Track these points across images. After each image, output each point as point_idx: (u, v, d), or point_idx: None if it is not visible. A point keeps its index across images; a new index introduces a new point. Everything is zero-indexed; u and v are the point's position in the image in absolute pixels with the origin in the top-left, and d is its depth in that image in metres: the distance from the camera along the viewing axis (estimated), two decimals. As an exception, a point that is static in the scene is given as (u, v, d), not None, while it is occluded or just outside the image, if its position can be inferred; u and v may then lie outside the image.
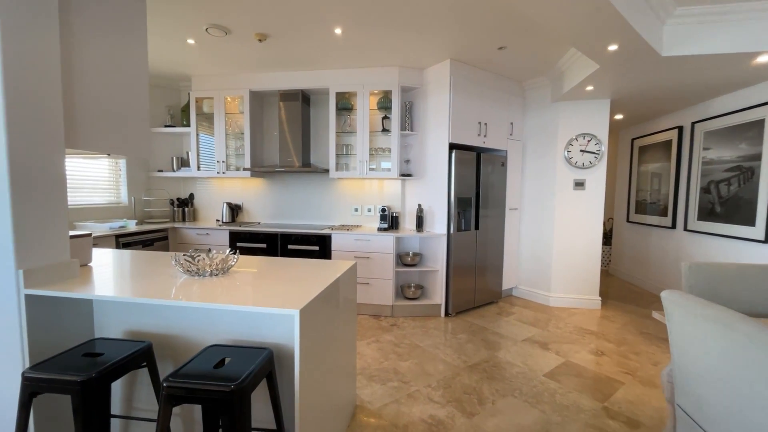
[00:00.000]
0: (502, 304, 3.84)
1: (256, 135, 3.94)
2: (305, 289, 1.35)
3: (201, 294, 1.27)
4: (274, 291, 1.34)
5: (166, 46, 3.12)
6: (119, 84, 1.72)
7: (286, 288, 1.38)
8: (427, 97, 3.58)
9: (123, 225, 3.26)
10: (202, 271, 1.52)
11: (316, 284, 1.43)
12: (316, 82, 3.67)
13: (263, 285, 1.42)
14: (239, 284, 1.42)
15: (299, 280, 1.51)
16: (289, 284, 1.43)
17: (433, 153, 3.54)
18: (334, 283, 1.51)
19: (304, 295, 1.28)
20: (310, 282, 1.47)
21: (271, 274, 1.61)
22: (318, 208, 4.03)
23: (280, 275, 1.58)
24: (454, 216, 3.40)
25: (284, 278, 1.53)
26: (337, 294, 1.56)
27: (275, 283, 1.44)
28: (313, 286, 1.41)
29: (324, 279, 1.52)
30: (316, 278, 1.53)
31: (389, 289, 3.38)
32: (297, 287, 1.39)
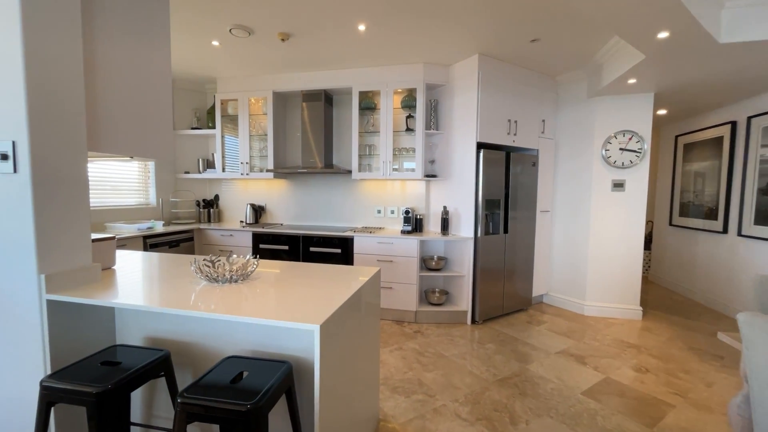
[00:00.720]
0: (532, 312, 3.64)
1: (280, 136, 3.92)
2: (327, 300, 1.27)
3: (218, 303, 1.21)
4: (294, 301, 1.26)
5: (191, 49, 3.14)
6: (142, 86, 1.70)
7: (307, 297, 1.29)
8: (453, 95, 3.44)
9: (150, 226, 3.32)
10: (221, 278, 1.46)
11: (338, 293, 1.34)
12: (339, 82, 3.61)
13: (283, 293, 1.34)
14: (258, 292, 1.35)
15: (321, 288, 1.42)
16: (310, 293, 1.35)
17: (459, 153, 3.39)
18: (357, 293, 1.41)
19: (326, 306, 1.20)
20: (331, 290, 1.38)
21: (292, 280, 1.53)
22: (341, 210, 3.97)
23: (301, 282, 1.51)
24: (481, 218, 3.24)
25: (305, 286, 1.45)
26: (360, 303, 1.47)
27: (295, 292, 1.36)
28: (335, 295, 1.32)
29: (346, 287, 1.43)
30: (339, 286, 1.44)
31: (413, 294, 3.26)
32: (318, 297, 1.30)
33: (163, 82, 1.82)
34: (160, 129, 1.82)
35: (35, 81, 1.24)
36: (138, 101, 1.68)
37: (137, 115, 1.68)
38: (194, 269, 1.45)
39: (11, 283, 1.31)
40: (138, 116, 1.69)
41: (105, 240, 1.68)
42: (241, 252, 3.66)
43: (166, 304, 1.20)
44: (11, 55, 1.21)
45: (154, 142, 1.79)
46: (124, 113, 1.61)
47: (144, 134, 1.73)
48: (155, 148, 1.79)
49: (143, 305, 1.19)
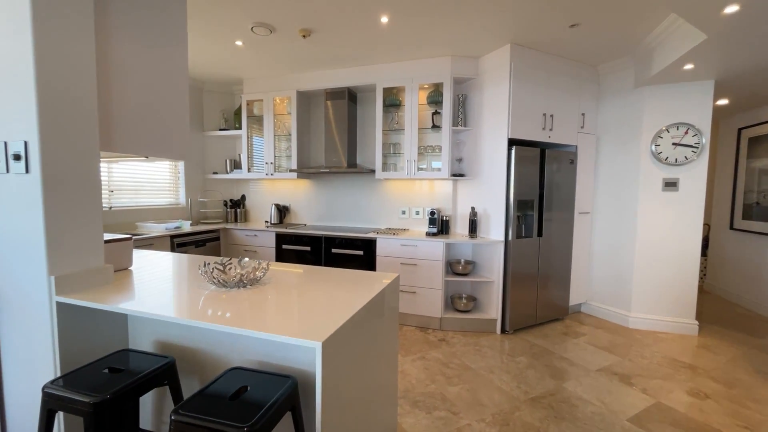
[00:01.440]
0: (569, 323, 3.35)
1: (304, 136, 3.89)
2: (336, 310, 1.15)
3: (220, 312, 1.13)
4: (301, 311, 1.15)
5: (217, 50, 3.15)
6: (158, 85, 1.68)
7: (316, 307, 1.19)
8: (483, 89, 3.23)
9: (178, 226, 3.38)
10: (229, 283, 1.39)
11: (350, 303, 1.22)
12: (363, 79, 3.50)
13: (291, 302, 1.24)
14: (266, 300, 1.26)
15: (332, 296, 1.31)
16: (320, 302, 1.24)
17: (489, 150, 3.18)
18: (370, 302, 1.29)
19: (333, 319, 1.08)
20: (343, 299, 1.26)
21: (303, 286, 1.43)
22: (364, 211, 3.87)
23: (313, 289, 1.40)
24: (512, 220, 3.01)
25: (316, 293, 1.35)
26: (375, 312, 1.34)
27: (305, 300, 1.26)
28: (347, 305, 1.20)
29: (360, 296, 1.31)
30: (352, 294, 1.32)
31: (438, 300, 3.09)
32: (328, 306, 1.19)
33: (180, 81, 1.79)
34: (176, 129, 1.79)
35: (46, 80, 1.22)
36: (153, 100, 1.66)
37: (152, 114, 1.66)
38: (201, 273, 1.39)
39: (23, 284, 1.30)
40: (153, 116, 1.66)
41: (120, 241, 1.67)
42: (264, 252, 3.66)
43: (166, 310, 1.14)
44: (22, 55, 1.20)
45: (169, 141, 1.76)
46: (138, 113, 1.59)
47: (159, 134, 1.70)
48: (171, 147, 1.77)
49: (140, 311, 1.14)
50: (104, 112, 1.45)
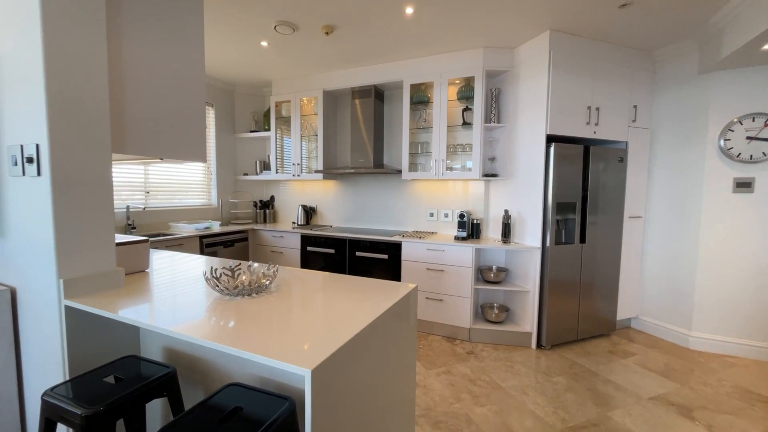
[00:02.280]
0: (616, 339, 3.00)
1: (330, 136, 3.83)
2: (339, 328, 1.03)
3: (218, 325, 1.05)
4: (302, 328, 1.04)
5: (243, 52, 3.17)
6: (173, 87, 1.65)
7: (317, 324, 1.07)
8: (518, 81, 2.98)
9: (208, 226, 3.45)
10: (233, 291, 1.32)
11: (356, 320, 1.10)
12: (389, 76, 3.38)
13: (293, 317, 1.14)
14: (268, 313, 1.17)
15: (338, 311, 1.19)
16: (324, 317, 1.13)
17: (525, 148, 2.92)
18: (376, 320, 1.15)
19: (333, 339, 0.96)
20: (350, 314, 1.14)
21: (310, 297, 1.33)
22: (391, 212, 3.74)
23: (319, 300, 1.29)
24: (551, 225, 2.74)
25: (321, 307, 1.23)
26: (384, 328, 1.21)
27: (308, 315, 1.15)
28: (352, 322, 1.08)
29: (369, 310, 1.18)
30: (360, 309, 1.20)
31: (466, 309, 2.89)
32: (331, 323, 1.07)
33: (195, 81, 1.77)
34: (191, 130, 1.76)
35: (56, 82, 1.21)
36: (168, 102, 1.64)
37: (167, 116, 1.64)
38: (207, 281, 1.33)
39: (35, 286, 1.31)
40: (167, 117, 1.64)
41: (136, 243, 1.66)
42: (290, 254, 3.64)
43: (164, 321, 1.08)
44: (31, 57, 1.20)
45: (185, 143, 1.74)
46: (151, 114, 1.57)
47: (174, 135, 1.68)
48: (186, 149, 1.74)
49: (134, 320, 1.08)
50: (117, 114, 1.44)
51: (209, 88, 3.90)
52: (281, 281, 1.56)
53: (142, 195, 3.35)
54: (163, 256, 2.10)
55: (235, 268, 1.55)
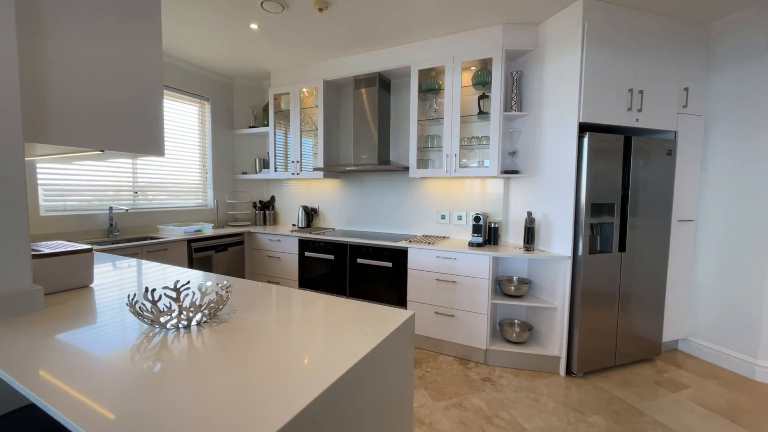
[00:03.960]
0: (662, 365, 2.53)
1: (332, 131, 3.50)
2: (301, 383, 0.68)
3: (115, 387, 0.72)
4: (245, 384, 0.70)
5: (232, 38, 2.88)
6: (118, 76, 1.36)
7: (272, 374, 0.72)
8: (544, 62, 2.56)
9: (198, 229, 3.18)
10: (159, 323, 0.99)
11: (323, 371, 0.75)
12: (395, 61, 3.01)
13: (236, 363, 0.80)
14: (202, 358, 0.83)
15: (304, 353, 0.84)
16: (282, 368, 0.78)
17: (552, 140, 2.50)
18: (351, 370, 0.79)
19: (288, 404, 0.61)
20: (318, 361, 0.79)
21: (269, 331, 0.99)
22: (398, 215, 3.37)
23: (282, 335, 0.95)
24: (584, 230, 2.31)
25: (282, 347, 0.89)
26: (364, 376, 0.85)
27: (259, 362, 0.81)
28: (323, 371, 0.72)
29: (348, 352, 0.83)
30: (336, 348, 0.84)
31: (482, 327, 2.49)
32: (292, 374, 0.72)
33: (151, 71, 1.47)
34: (144, 121, 1.46)
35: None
36: (112, 91, 1.34)
37: (110, 106, 1.34)
38: (128, 306, 1.00)
39: None
40: (111, 107, 1.34)
41: (73, 253, 1.37)
42: (287, 259, 3.34)
43: (31, 380, 0.76)
44: None
45: (135, 134, 1.43)
46: (88, 104, 1.27)
47: (121, 126, 1.38)
48: (137, 141, 1.44)
49: (11, 379, 0.77)
50: (36, 103, 1.15)
51: (204, 81, 3.65)
52: (242, 303, 1.22)
53: (129, 195, 3.12)
54: (122, 266, 1.81)
55: (182, 288, 1.22)
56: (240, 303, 1.24)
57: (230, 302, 1.24)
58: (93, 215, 2.81)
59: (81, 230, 2.73)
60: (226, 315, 1.12)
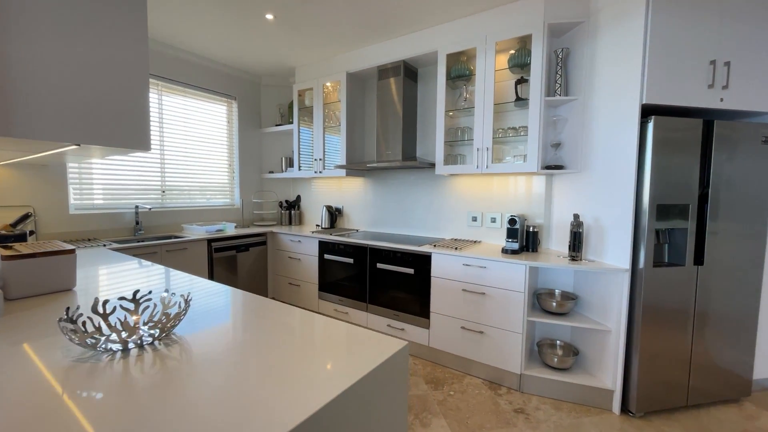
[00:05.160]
0: (752, 410, 2.00)
1: (356, 126, 3.31)
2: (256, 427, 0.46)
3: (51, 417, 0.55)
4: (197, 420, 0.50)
5: (249, 31, 2.78)
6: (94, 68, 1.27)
7: (220, 417, 0.52)
8: (596, 35, 2.14)
9: (221, 228, 3.15)
10: (86, 345, 0.83)
11: (290, 410, 0.53)
12: (421, 47, 2.74)
13: (175, 407, 0.60)
14: (142, 397, 0.65)
15: (268, 389, 0.62)
16: (235, 402, 0.57)
17: (606, 127, 2.08)
18: (323, 410, 0.56)
19: None
20: (283, 398, 0.57)
21: (225, 361, 0.78)
22: (426, 216, 3.09)
23: (239, 368, 0.74)
24: (647, 237, 1.87)
25: (238, 387, 0.68)
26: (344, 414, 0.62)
27: (210, 397, 0.60)
28: (288, 411, 0.51)
29: (317, 393, 0.60)
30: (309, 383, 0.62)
31: (516, 348, 2.14)
32: (241, 416, 0.51)
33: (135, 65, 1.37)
34: (128, 116, 1.36)
35: None
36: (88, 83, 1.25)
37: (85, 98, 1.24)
38: (61, 326, 0.85)
39: None
40: (86, 99, 1.25)
41: (52, 255, 1.28)
42: (307, 261, 3.20)
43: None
44: None
45: (118, 129, 1.33)
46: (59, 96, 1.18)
47: (101, 120, 1.28)
48: (119, 136, 1.34)
49: None
50: None
51: (231, 80, 3.63)
52: (208, 315, 1.04)
53: (158, 194, 3.16)
54: (125, 267, 1.74)
55: (142, 299, 1.07)
56: (206, 316, 1.06)
57: (194, 317, 1.07)
58: (120, 213, 2.87)
59: (108, 228, 2.79)
60: (178, 337, 0.94)
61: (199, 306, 1.17)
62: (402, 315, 2.63)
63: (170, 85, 3.17)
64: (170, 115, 3.20)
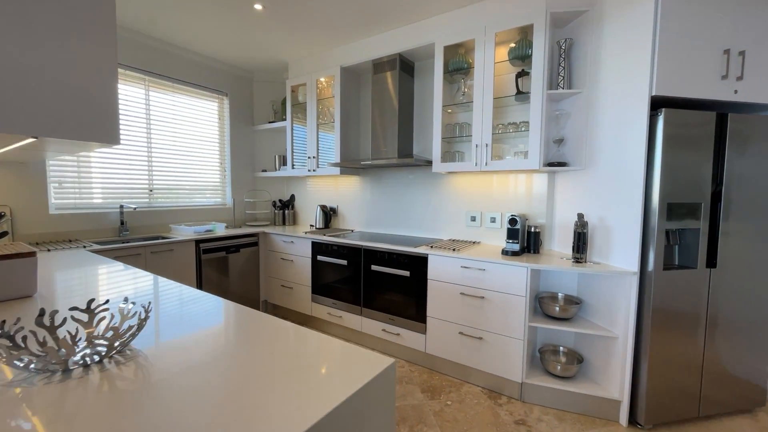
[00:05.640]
0: (767, 420, 1.89)
1: (351, 122, 3.19)
2: None
3: None
4: None
5: (238, 22, 2.67)
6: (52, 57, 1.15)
7: None
8: (602, 24, 2.03)
9: (210, 229, 3.03)
10: (16, 365, 0.71)
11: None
12: (418, 39, 2.62)
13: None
14: (87, 417, 0.54)
15: (224, 420, 0.51)
16: None
17: (612, 121, 1.96)
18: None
19: None
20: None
21: (193, 377, 0.67)
22: (423, 215, 2.97)
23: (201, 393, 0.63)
24: (656, 238, 1.76)
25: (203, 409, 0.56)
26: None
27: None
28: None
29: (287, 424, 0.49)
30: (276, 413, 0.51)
31: (517, 355, 2.03)
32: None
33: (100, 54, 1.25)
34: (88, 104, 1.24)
35: None
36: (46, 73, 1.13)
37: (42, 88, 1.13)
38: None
39: None
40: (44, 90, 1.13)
41: (7, 258, 1.17)
42: (300, 263, 3.08)
43: None
44: None
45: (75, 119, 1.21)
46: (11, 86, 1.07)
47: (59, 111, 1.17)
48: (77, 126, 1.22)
49: None
50: None
51: (223, 75, 3.52)
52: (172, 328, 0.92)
53: (145, 194, 3.04)
54: (91, 274, 1.62)
55: (98, 309, 0.96)
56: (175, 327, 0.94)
57: (164, 327, 0.95)
58: (105, 214, 2.75)
59: (91, 229, 2.68)
60: (133, 353, 0.83)
61: (170, 314, 1.06)
62: (397, 319, 2.52)
63: (158, 80, 3.05)
64: (158, 112, 3.09)
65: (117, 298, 1.23)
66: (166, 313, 1.08)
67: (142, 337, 0.91)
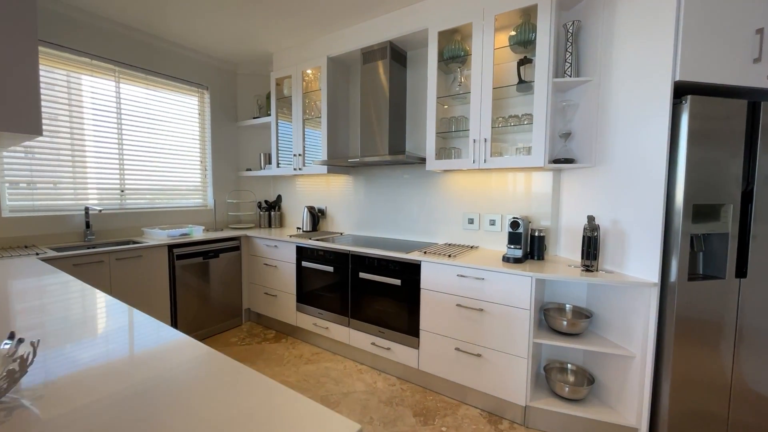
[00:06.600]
0: (805, 451, 1.67)
1: (339, 118, 2.96)
2: None
3: None
4: None
5: (218, 10, 2.44)
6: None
7: None
8: (615, 3, 1.81)
9: (186, 232, 2.80)
10: None
11: None
12: (410, 24, 2.40)
13: None
14: None
15: None
16: None
17: (627, 111, 1.74)
18: None
19: None
20: None
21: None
22: (417, 218, 2.75)
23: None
24: (678, 243, 1.54)
25: None
26: None
27: None
28: None
29: None
30: None
31: (520, 375, 1.80)
32: None
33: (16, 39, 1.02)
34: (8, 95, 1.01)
35: None
36: None
37: None
38: None
39: None
40: None
41: None
42: (284, 268, 2.85)
43: None
44: None
45: None
46: None
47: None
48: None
49: None
50: None
51: (203, 67, 3.28)
52: (75, 364, 0.69)
53: (116, 194, 2.81)
54: (41, 283, 1.39)
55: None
56: (68, 364, 0.71)
57: (74, 360, 0.72)
58: (68, 216, 2.51)
59: (52, 233, 2.44)
60: (12, 400, 0.59)
61: (78, 345, 0.83)
62: (388, 332, 2.29)
63: (130, 71, 2.82)
64: (131, 106, 2.85)
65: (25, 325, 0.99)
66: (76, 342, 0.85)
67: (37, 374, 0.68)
